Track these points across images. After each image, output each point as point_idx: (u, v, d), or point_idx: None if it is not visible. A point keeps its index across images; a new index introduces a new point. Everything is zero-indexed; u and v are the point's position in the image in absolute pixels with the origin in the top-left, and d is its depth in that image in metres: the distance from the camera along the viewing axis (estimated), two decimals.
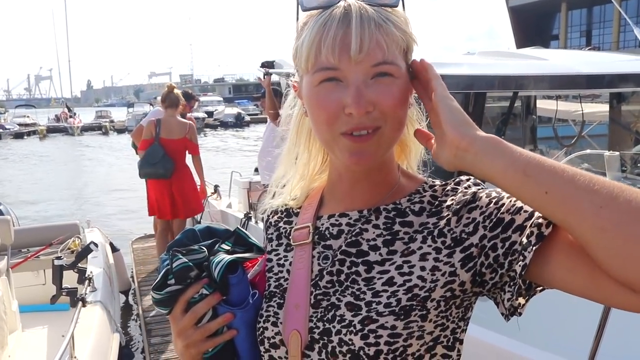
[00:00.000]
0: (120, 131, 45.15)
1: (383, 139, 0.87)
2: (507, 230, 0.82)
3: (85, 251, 4.17)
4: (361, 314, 0.85)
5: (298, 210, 1.05)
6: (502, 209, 0.84)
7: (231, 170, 7.46)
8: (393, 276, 0.87)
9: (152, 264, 7.07)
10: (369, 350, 0.83)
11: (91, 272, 4.17)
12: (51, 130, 45.70)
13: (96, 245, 4.26)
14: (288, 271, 0.97)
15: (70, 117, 47.73)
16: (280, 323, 0.92)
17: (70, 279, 4.01)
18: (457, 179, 0.94)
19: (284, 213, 1.07)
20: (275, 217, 1.08)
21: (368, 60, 0.83)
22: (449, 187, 0.93)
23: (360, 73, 0.83)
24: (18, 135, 42.44)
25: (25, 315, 3.82)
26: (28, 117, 49.07)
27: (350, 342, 0.85)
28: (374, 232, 0.92)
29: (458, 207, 0.88)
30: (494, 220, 0.83)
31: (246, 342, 0.95)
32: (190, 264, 0.92)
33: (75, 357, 3.16)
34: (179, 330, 0.95)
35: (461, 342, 0.92)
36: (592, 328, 2.17)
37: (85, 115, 55.25)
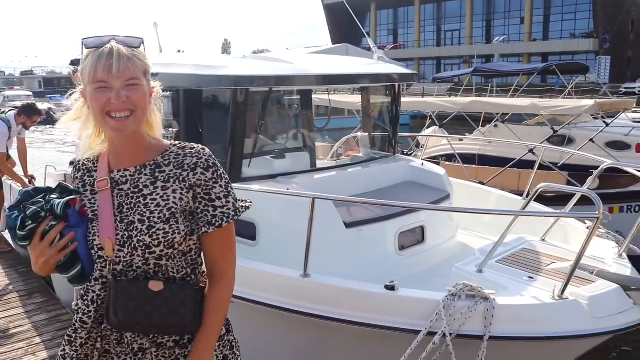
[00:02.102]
0: None
1: (135, 120, 1.58)
2: (209, 202, 1.65)
3: None
4: (146, 224, 1.58)
5: (94, 168, 1.72)
6: (215, 190, 1.64)
7: (45, 164, 7.62)
8: (159, 202, 1.61)
9: None
10: (154, 242, 1.57)
11: None
12: None
13: None
14: (98, 205, 1.65)
15: None
16: (99, 236, 1.63)
17: None
18: (190, 151, 1.68)
19: (85, 170, 1.74)
20: (79, 174, 1.75)
21: (124, 76, 1.55)
22: (187, 150, 1.67)
23: (119, 82, 1.55)
24: None
25: None
26: None
27: (143, 240, 1.57)
28: (144, 178, 1.64)
29: (194, 167, 1.63)
30: (208, 192, 1.64)
31: (84, 249, 1.64)
32: (38, 209, 1.59)
33: None
34: (40, 252, 1.58)
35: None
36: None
37: None
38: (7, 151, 7.02)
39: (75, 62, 5.78)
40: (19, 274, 6.58)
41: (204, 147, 1.70)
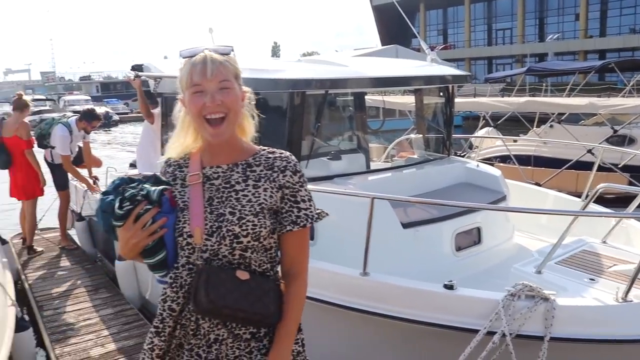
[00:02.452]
0: None
1: (229, 125, 1.73)
2: (295, 203, 1.78)
3: None
4: (237, 216, 1.71)
5: (185, 164, 1.86)
6: (301, 193, 1.78)
7: (106, 167, 7.98)
8: (251, 198, 1.74)
9: (32, 256, 7.58)
10: (243, 232, 1.70)
11: None
12: None
13: None
14: (188, 197, 1.78)
15: None
16: (188, 224, 1.75)
17: None
18: (280, 155, 1.83)
19: (176, 166, 1.88)
20: (170, 169, 1.89)
21: (216, 79, 1.70)
22: (277, 154, 1.82)
23: (212, 86, 1.70)
24: None
25: None
26: None
27: (233, 230, 1.70)
28: (237, 176, 1.78)
29: (283, 169, 1.78)
30: (294, 194, 1.78)
31: (171, 237, 1.77)
32: (136, 192, 1.75)
33: None
34: (132, 234, 1.72)
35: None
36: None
37: None
38: (72, 153, 7.40)
39: (136, 68, 6.01)
40: (85, 270, 6.92)
41: (290, 153, 1.84)
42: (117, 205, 1.72)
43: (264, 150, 1.85)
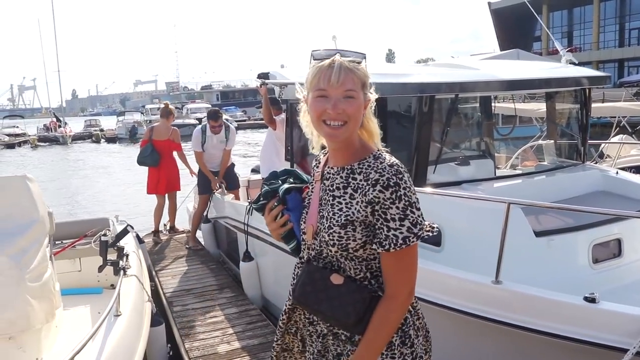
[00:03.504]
0: (111, 140, 45.58)
1: (347, 130, 1.73)
2: (385, 221, 1.68)
3: (123, 232, 4.95)
4: (327, 223, 1.75)
5: (322, 161, 1.93)
6: (391, 211, 1.66)
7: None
8: (342, 207, 1.74)
9: (163, 253, 8.21)
10: (330, 242, 1.75)
11: (128, 251, 4.93)
12: (42, 139, 45.87)
13: (132, 227, 5.01)
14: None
15: (60, 126, 47.95)
16: (304, 222, 1.87)
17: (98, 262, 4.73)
18: (378, 165, 1.73)
19: (317, 162, 1.98)
20: (314, 164, 2.01)
21: (342, 87, 1.70)
22: (378, 163, 1.73)
23: (337, 93, 1.70)
24: (9, 146, 42.75)
25: (64, 297, 4.23)
26: (17, 127, 49.30)
27: (324, 237, 1.77)
28: (339, 180, 1.79)
29: (374, 183, 1.68)
30: (384, 211, 1.67)
31: (298, 230, 1.92)
32: (270, 189, 1.95)
33: (120, 312, 3.78)
34: (267, 222, 1.96)
35: None
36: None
37: (73, 125, 55.45)
38: (203, 151, 7.89)
39: (262, 76, 6.26)
40: (210, 270, 7.27)
41: (395, 163, 1.72)
42: (257, 199, 1.97)
43: (372, 155, 1.78)
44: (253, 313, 5.64)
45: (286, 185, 1.94)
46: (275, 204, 1.93)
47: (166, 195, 8.59)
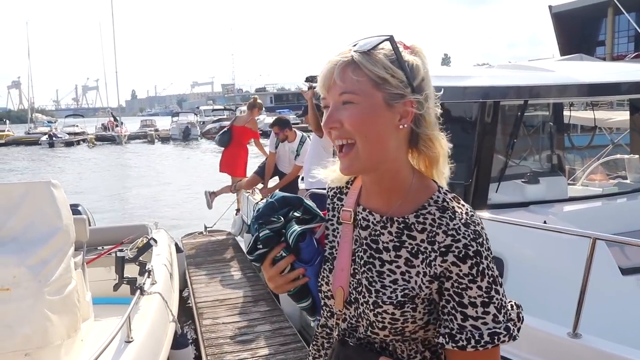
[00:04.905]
0: (164, 140, 46.44)
1: (359, 154, 1.15)
2: (459, 306, 1.11)
3: (145, 247, 4.62)
4: (372, 298, 1.17)
5: (347, 190, 1.34)
6: (471, 292, 1.10)
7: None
8: (397, 279, 1.16)
9: (200, 257, 7.99)
10: (378, 324, 1.17)
11: (151, 266, 4.58)
12: (99, 138, 47.33)
13: (155, 241, 4.69)
14: (337, 242, 1.29)
15: (117, 126, 49.34)
16: (331, 283, 1.29)
17: (134, 271, 4.45)
18: (449, 221, 1.15)
19: (338, 190, 1.37)
20: (332, 192, 1.39)
21: (335, 91, 1.15)
22: (446, 217, 1.15)
23: (332, 99, 1.16)
24: (69, 144, 44.14)
25: (97, 307, 4.13)
26: (77, 126, 51.12)
27: (367, 315, 1.18)
28: (387, 237, 1.20)
29: (444, 250, 1.11)
30: (459, 292, 1.11)
31: (315, 285, 1.34)
32: (272, 233, 1.31)
33: (132, 338, 3.52)
34: (269, 278, 1.33)
35: None
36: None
37: (130, 124, 56.94)
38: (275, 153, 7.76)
39: (309, 79, 5.82)
40: (247, 279, 6.94)
41: (472, 219, 1.15)
42: (251, 247, 1.32)
43: (435, 202, 1.19)
44: (288, 332, 5.22)
45: (298, 228, 1.30)
46: (283, 253, 1.31)
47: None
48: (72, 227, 3.58)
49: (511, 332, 1.11)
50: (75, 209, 5.31)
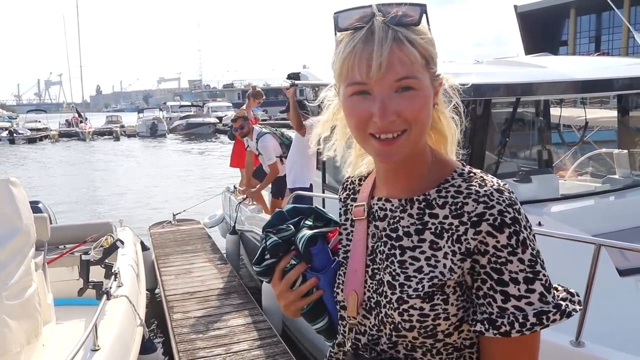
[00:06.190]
0: (131, 136, 45.54)
1: (409, 141, 1.00)
2: (498, 284, 0.94)
3: (111, 248, 4.36)
4: (396, 294, 0.99)
5: (359, 188, 1.20)
6: (511, 266, 0.93)
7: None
8: (422, 266, 0.99)
9: (169, 247, 7.83)
10: (404, 325, 0.99)
11: (118, 268, 4.34)
12: (63, 135, 46.12)
13: (122, 242, 4.46)
14: (352, 242, 1.14)
15: (81, 122, 48.19)
16: (342, 287, 1.10)
17: (99, 273, 4.20)
18: (479, 190, 0.99)
19: (351, 190, 1.22)
20: (344, 194, 1.24)
21: (391, 76, 0.95)
22: (474, 185, 1.00)
23: (385, 87, 0.96)
24: (31, 140, 42.78)
25: (59, 308, 3.96)
26: (39, 122, 49.68)
27: (392, 316, 1.00)
28: (408, 221, 1.04)
29: (477, 220, 0.95)
30: (498, 268, 0.94)
31: (331, 299, 1.14)
32: (280, 241, 1.13)
33: (98, 346, 3.32)
34: (279, 294, 1.15)
35: None
36: None
37: (95, 120, 55.69)
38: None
39: (292, 76, 5.62)
40: (217, 270, 6.92)
41: (503, 186, 0.99)
42: (258, 257, 1.16)
43: (459, 173, 1.04)
44: (262, 327, 5.08)
45: (309, 232, 1.13)
46: (293, 261, 1.14)
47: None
48: (33, 227, 3.41)
49: (563, 308, 0.93)
50: (35, 207, 5.05)
